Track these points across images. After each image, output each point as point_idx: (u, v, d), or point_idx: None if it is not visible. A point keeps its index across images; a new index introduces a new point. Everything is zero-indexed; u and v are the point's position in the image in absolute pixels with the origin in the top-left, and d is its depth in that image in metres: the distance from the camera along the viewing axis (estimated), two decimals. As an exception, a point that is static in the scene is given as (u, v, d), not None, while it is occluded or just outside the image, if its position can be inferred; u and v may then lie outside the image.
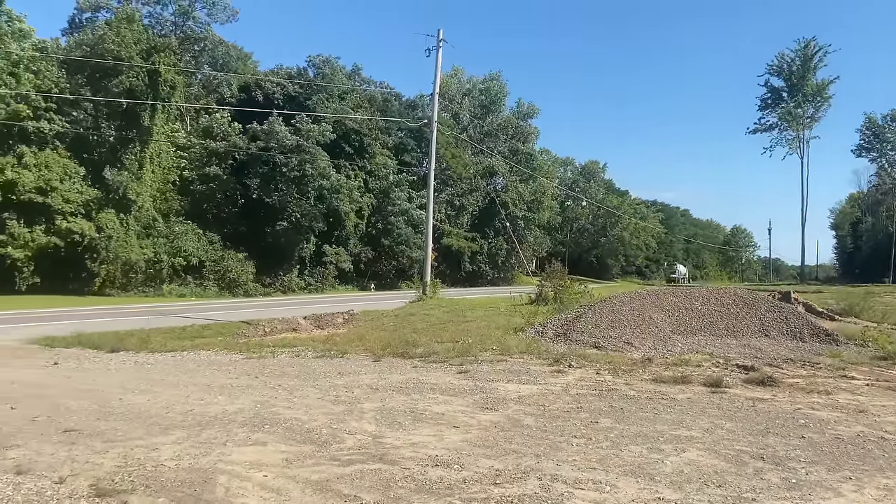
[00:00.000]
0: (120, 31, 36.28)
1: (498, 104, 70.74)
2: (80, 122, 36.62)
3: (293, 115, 43.99)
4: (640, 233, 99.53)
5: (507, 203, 61.61)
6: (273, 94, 47.68)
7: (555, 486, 5.19)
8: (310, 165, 42.81)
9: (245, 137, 43.58)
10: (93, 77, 36.05)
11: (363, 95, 55.65)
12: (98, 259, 33.93)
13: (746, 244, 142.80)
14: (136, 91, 35.40)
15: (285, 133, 42.75)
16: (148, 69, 35.85)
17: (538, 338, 14.45)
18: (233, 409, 8.01)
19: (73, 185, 34.08)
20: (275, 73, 52.10)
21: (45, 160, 33.18)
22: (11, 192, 31.42)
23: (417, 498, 4.94)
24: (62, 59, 36.68)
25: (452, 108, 64.84)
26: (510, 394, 8.86)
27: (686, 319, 15.63)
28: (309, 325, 17.75)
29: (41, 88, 34.09)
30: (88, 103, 36.43)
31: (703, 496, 5.02)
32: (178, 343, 14.62)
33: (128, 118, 36.40)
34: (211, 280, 39.46)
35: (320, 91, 48.72)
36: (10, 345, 14.66)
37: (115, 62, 34.55)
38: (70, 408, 8.16)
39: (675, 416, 7.58)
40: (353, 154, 48.57)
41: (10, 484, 5.23)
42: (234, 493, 5.06)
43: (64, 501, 4.85)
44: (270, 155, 42.81)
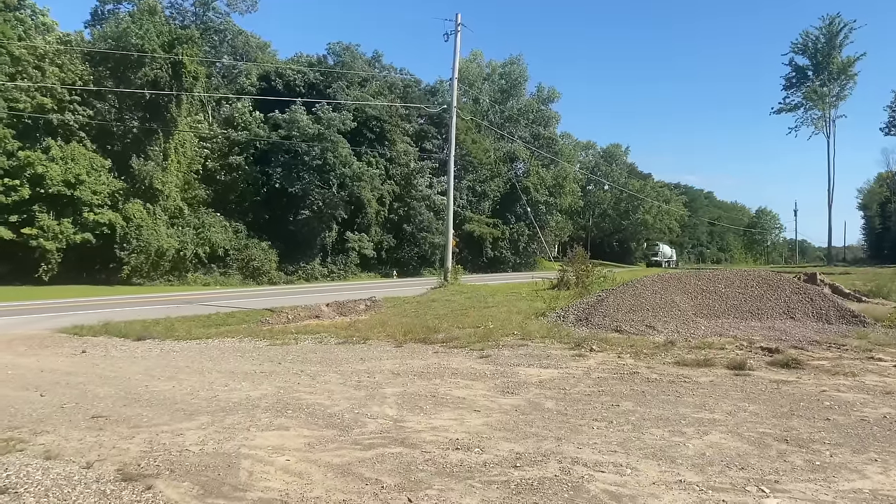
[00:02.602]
0: (143, 23, 36.58)
1: (518, 88, 70.15)
2: (104, 113, 37.06)
3: (314, 104, 44.10)
4: (664, 216, 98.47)
5: (529, 188, 61.31)
6: (293, 83, 47.81)
7: (575, 469, 5.20)
8: (331, 153, 42.95)
9: (266, 127, 43.83)
10: (116, 69, 36.44)
11: (383, 82, 55.59)
12: (129, 248, 34.46)
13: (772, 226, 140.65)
14: (160, 82, 35.74)
15: (307, 122, 42.90)
16: (171, 60, 36.13)
17: (560, 322, 14.41)
18: (256, 395, 8.12)
19: (100, 178, 34.55)
20: (295, 61, 52.22)
21: (72, 153, 33.67)
22: (40, 186, 31.96)
23: (438, 481, 4.98)
24: (86, 52, 37.08)
25: (472, 93, 64.49)
26: (531, 378, 8.87)
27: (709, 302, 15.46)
28: (331, 312, 17.87)
29: (65, 81, 34.53)
30: (112, 95, 36.84)
31: (726, 478, 4.99)
32: (202, 331, 14.82)
33: (151, 109, 36.78)
34: (235, 268, 39.93)
35: (340, 79, 48.75)
36: (40, 334, 14.96)
37: (139, 54, 34.86)
38: (97, 395, 8.34)
39: (698, 399, 7.54)
40: (373, 141, 48.61)
41: (40, 469, 5.37)
42: (257, 476, 5.14)
43: (91, 486, 4.96)
44: (292, 144, 43.02)
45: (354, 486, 4.90)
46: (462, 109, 45.45)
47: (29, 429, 6.64)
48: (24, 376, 9.84)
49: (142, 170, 35.85)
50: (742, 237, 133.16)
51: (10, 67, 32.79)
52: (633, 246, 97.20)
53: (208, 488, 4.88)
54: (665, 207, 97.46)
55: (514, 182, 59.81)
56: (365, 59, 55.48)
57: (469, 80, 63.33)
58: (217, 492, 4.82)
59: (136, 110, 37.59)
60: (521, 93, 70.52)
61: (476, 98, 64.80)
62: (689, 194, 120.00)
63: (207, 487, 4.90)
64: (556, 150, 69.11)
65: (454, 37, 30.21)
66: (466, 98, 61.77)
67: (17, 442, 6.16)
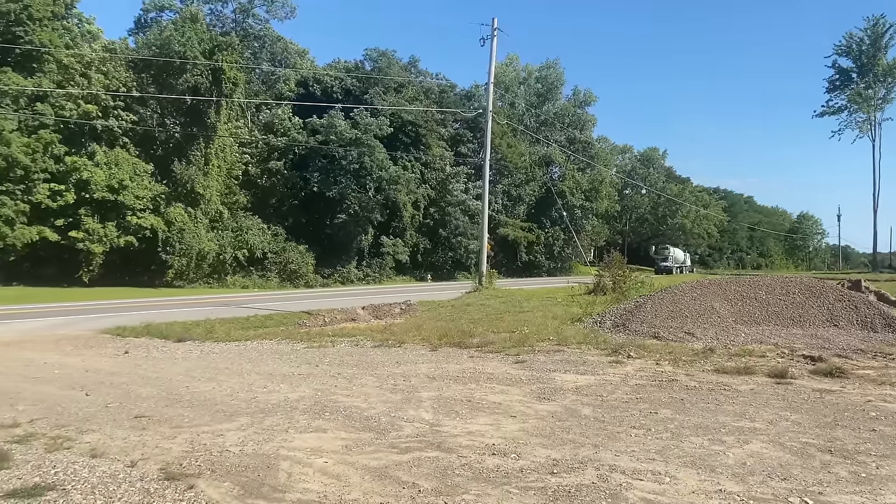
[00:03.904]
0: (185, 30, 37.38)
1: (554, 92, 69.86)
2: (146, 119, 37.93)
3: (351, 109, 44.55)
4: (702, 221, 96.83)
5: (564, 192, 60.95)
6: (331, 89, 48.33)
7: (613, 477, 5.16)
8: (368, 158, 43.32)
9: (305, 132, 44.42)
10: (159, 75, 37.28)
11: (419, 88, 55.85)
12: (171, 252, 35.21)
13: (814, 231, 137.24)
14: (200, 88, 36.45)
15: (344, 126, 43.35)
16: (211, 67, 36.85)
17: (596, 328, 14.31)
18: (294, 397, 8.22)
19: (142, 182, 35.35)
20: (332, 67, 52.79)
21: (116, 158, 34.51)
22: (85, 191, 32.82)
23: (474, 486, 4.99)
24: (129, 59, 38.01)
25: (508, 98, 64.41)
26: (567, 384, 8.82)
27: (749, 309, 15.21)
28: (367, 315, 18.00)
29: (110, 88, 35.43)
30: (154, 101, 37.71)
31: (767, 489, 4.91)
32: (241, 333, 15.05)
33: (192, 115, 37.53)
34: (273, 271, 40.51)
35: (377, 84, 49.11)
36: (85, 334, 15.35)
37: (180, 61, 35.63)
38: (140, 395, 8.53)
39: (738, 408, 7.42)
40: (409, 145, 48.86)
41: (86, 466, 5.52)
42: (295, 478, 5.21)
43: (136, 484, 5.08)
44: (330, 148, 43.48)
45: (391, 489, 4.94)
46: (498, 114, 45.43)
47: (75, 427, 6.82)
48: (71, 376, 10.11)
49: (183, 174, 36.60)
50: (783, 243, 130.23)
51: (58, 75, 33.77)
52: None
53: (248, 489, 4.96)
54: (704, 212, 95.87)
55: (550, 186, 59.52)
56: (401, 64, 55.82)
57: (505, 84, 63.28)
58: (257, 492, 4.89)
59: (177, 116, 38.43)
60: (557, 96, 70.22)
61: (512, 102, 64.71)
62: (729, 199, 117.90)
63: (247, 488, 4.98)
64: (592, 154, 68.53)
65: (490, 41, 30.26)
66: (502, 102, 61.70)
67: (65, 440, 6.33)
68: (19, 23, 32.85)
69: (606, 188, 72.12)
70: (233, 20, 53.07)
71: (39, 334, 15.53)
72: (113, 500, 4.75)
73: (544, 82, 69.42)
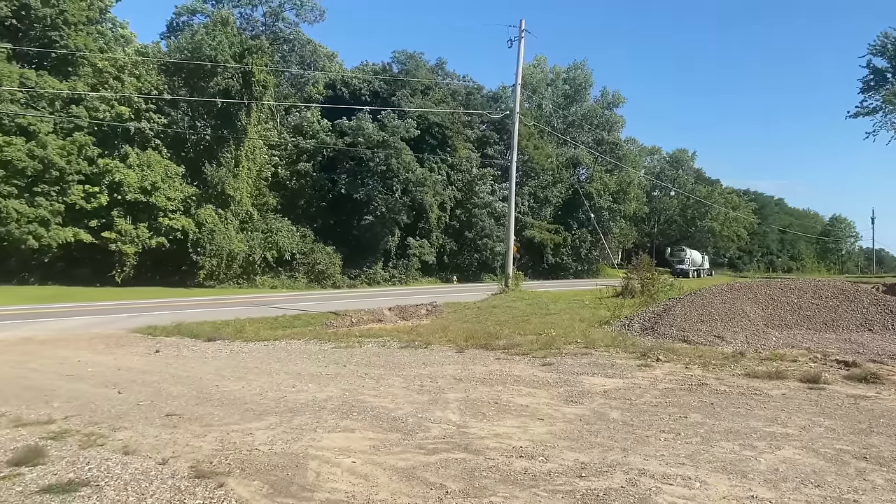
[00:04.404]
0: (216, 34, 37.90)
1: (582, 94, 69.52)
2: (177, 121, 38.53)
3: (379, 111, 44.78)
4: (732, 223, 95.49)
5: (592, 194, 60.55)
6: (359, 91, 48.64)
7: (642, 481, 5.12)
8: (395, 160, 43.51)
9: (333, 134, 44.77)
10: (190, 79, 37.84)
11: (446, 90, 55.94)
12: (203, 252, 35.72)
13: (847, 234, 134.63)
14: (231, 91, 36.92)
15: (372, 129, 43.61)
16: (242, 70, 37.31)
17: (624, 331, 14.19)
18: (322, 397, 8.28)
19: (174, 184, 35.90)
20: (360, 69, 53.13)
21: (148, 160, 35.09)
22: (118, 192, 33.43)
23: (502, 488, 4.98)
24: (161, 63, 38.64)
25: (535, 99, 64.23)
26: (595, 387, 8.76)
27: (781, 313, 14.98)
28: (393, 316, 18.06)
29: (142, 91, 36.05)
30: (185, 104, 38.29)
31: (800, 496, 4.83)
32: (270, 332, 15.20)
33: (223, 117, 38.03)
34: (301, 272, 40.89)
35: (404, 86, 49.32)
36: (117, 333, 15.63)
37: (212, 64, 36.13)
38: (171, 393, 8.65)
39: (770, 413, 7.31)
40: (436, 147, 48.95)
41: (119, 463, 5.62)
42: (324, 477, 5.25)
43: (167, 481, 5.16)
44: (357, 150, 43.76)
45: (419, 490, 4.95)
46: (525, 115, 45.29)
47: (108, 424, 6.95)
48: (103, 374, 10.29)
49: (214, 176, 37.10)
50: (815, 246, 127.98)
51: (92, 78, 34.46)
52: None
53: (277, 487, 5.01)
54: (733, 214, 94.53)
55: (577, 187, 59.19)
56: (428, 66, 55.97)
57: (532, 85, 63.10)
58: (286, 491, 4.94)
59: (208, 118, 38.94)
60: (585, 98, 69.88)
61: (539, 104, 64.51)
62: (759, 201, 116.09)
63: (276, 487, 5.03)
64: (620, 156, 67.98)
65: (518, 43, 30.22)
66: (529, 104, 61.53)
67: (98, 437, 6.45)
68: (55, 27, 33.61)
69: (635, 190, 71.46)
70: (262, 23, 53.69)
71: (73, 333, 15.84)
72: (145, 496, 4.83)
73: (572, 83, 69.10)
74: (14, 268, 32.31)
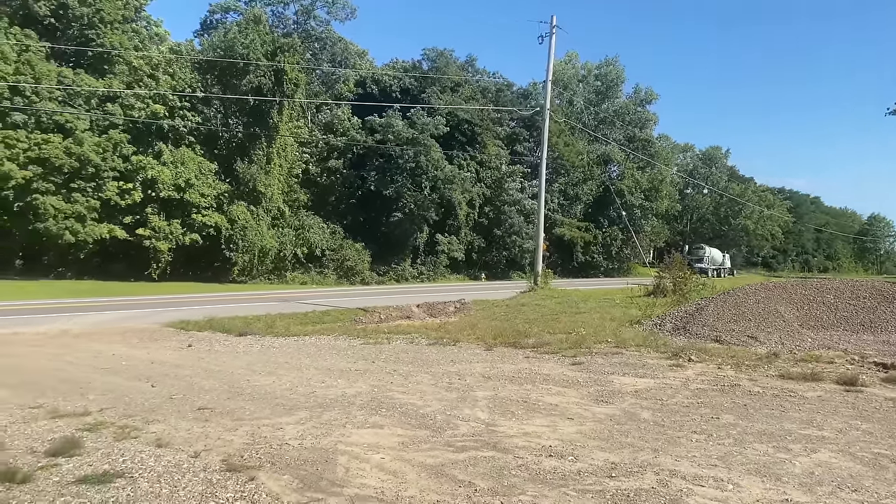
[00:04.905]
0: (248, 32, 38.29)
1: (614, 90, 68.75)
2: (210, 119, 39.03)
3: (409, 108, 44.88)
4: (766, 222, 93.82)
5: (623, 191, 59.90)
6: (389, 88, 48.78)
7: (673, 482, 5.05)
8: (424, 157, 43.57)
9: (363, 131, 44.99)
10: (223, 76, 38.29)
11: (476, 87, 55.80)
12: (235, 249, 36.18)
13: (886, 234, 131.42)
14: (263, 89, 37.28)
15: (402, 126, 43.72)
16: (274, 68, 37.66)
17: (656, 331, 14.04)
18: (351, 392, 8.32)
19: (207, 181, 36.38)
20: (391, 66, 53.22)
21: (181, 157, 35.60)
22: (152, 189, 33.98)
23: (531, 487, 4.95)
24: (195, 61, 39.17)
25: (566, 95, 63.71)
26: (626, 387, 8.67)
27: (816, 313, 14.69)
28: (422, 313, 18.10)
29: (176, 89, 36.57)
30: (218, 101, 38.77)
31: (837, 500, 4.73)
32: (300, 328, 15.33)
33: (255, 115, 38.42)
34: (330, 268, 41.18)
35: (434, 83, 49.32)
36: (150, 328, 15.90)
37: (244, 62, 36.53)
38: (203, 387, 8.77)
39: (805, 415, 7.17)
40: (465, 144, 48.90)
41: (153, 455, 5.71)
42: (353, 473, 5.27)
43: (199, 474, 5.22)
44: (387, 148, 43.92)
45: (448, 487, 4.94)
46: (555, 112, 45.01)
47: (141, 417, 7.06)
48: (137, 367, 10.47)
49: (246, 173, 37.51)
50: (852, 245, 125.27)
51: (128, 76, 35.06)
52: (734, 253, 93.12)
53: (307, 482, 5.04)
54: (767, 213, 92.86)
55: (608, 185, 58.64)
56: (458, 63, 55.86)
57: (563, 81, 62.61)
58: (315, 486, 4.96)
59: (240, 116, 39.37)
60: (616, 94, 69.13)
61: (570, 100, 63.98)
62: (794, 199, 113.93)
63: (306, 481, 5.06)
64: (652, 153, 67.15)
65: (549, 39, 30.01)
66: (560, 100, 61.07)
67: (132, 429, 6.56)
68: (92, 26, 34.25)
69: (667, 187, 70.50)
70: (294, 21, 54.03)
71: (108, 327, 16.15)
72: (178, 489, 4.89)
73: (603, 80, 68.41)
74: (51, 263, 33.05)
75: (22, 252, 33.23)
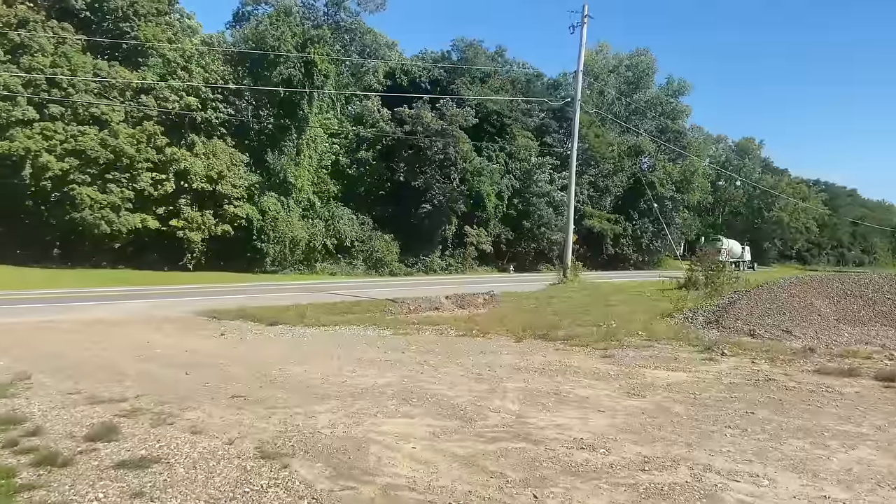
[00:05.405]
0: (279, 25, 38.56)
1: (646, 81, 67.94)
2: (241, 111, 39.43)
3: (438, 99, 44.83)
4: (800, 215, 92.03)
5: (654, 183, 59.12)
6: (418, 80, 48.77)
7: (707, 477, 4.99)
8: (453, 148, 43.53)
9: (392, 123, 45.07)
10: (253, 68, 38.65)
11: (505, 78, 55.52)
12: (266, 240, 36.59)
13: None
14: (293, 81, 37.55)
15: (431, 117, 43.69)
16: (304, 59, 37.88)
17: (687, 324, 13.85)
18: (382, 382, 8.36)
19: (238, 172, 36.80)
20: (420, 57, 53.19)
21: (213, 149, 36.06)
22: (185, 180, 34.47)
23: (563, 479, 4.92)
24: (226, 53, 39.57)
25: (597, 86, 63.03)
26: (658, 380, 8.57)
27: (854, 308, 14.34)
28: (450, 305, 18.08)
29: (208, 81, 37.00)
30: (249, 93, 39.15)
31: (877, 498, 4.63)
32: (330, 318, 15.41)
33: (285, 107, 38.75)
34: (359, 259, 41.44)
35: (464, 74, 49.18)
36: (183, 317, 16.12)
37: (275, 54, 36.80)
38: (236, 375, 8.87)
39: (842, 411, 7.02)
40: (494, 136, 48.73)
41: (188, 442, 5.80)
42: (385, 462, 5.29)
43: (233, 461, 5.29)
44: (416, 139, 43.92)
45: (479, 478, 4.94)
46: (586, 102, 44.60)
47: (177, 404, 7.17)
48: (171, 355, 10.64)
49: (276, 164, 37.87)
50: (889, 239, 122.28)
51: (161, 69, 35.56)
52: (767, 246, 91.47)
53: (339, 470, 5.08)
54: (802, 205, 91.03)
55: (639, 176, 57.97)
56: (488, 54, 55.61)
57: (594, 72, 61.94)
58: (348, 474, 5.00)
59: (270, 108, 39.73)
60: (648, 85, 68.33)
61: (601, 91, 63.28)
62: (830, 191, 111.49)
63: (339, 469, 5.10)
64: (684, 144, 66.15)
65: (580, 28, 29.70)
66: (590, 91, 60.41)
67: (167, 416, 6.67)
68: (126, 19, 34.82)
69: (699, 179, 69.40)
70: (324, 13, 54.13)
71: (141, 315, 16.43)
72: (213, 475, 4.97)
73: (635, 70, 67.62)
74: (87, 252, 33.75)
75: (59, 242, 33.95)
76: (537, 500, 4.55)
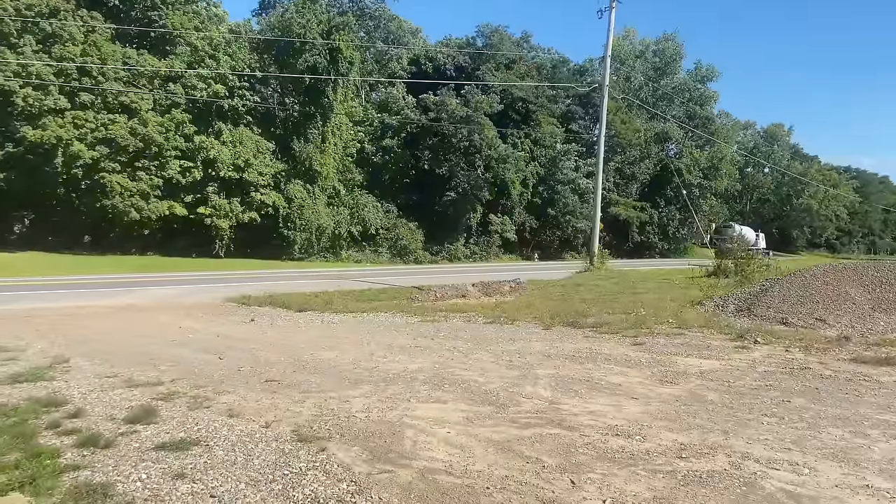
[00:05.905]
0: (304, 12, 38.59)
1: (673, 66, 66.91)
2: (267, 98, 39.59)
3: (462, 86, 44.61)
4: (830, 202, 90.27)
5: (681, 170, 58.29)
6: (443, 66, 48.52)
7: (746, 465, 4.94)
8: (478, 136, 43.32)
9: (417, 110, 44.95)
10: (279, 56, 38.75)
11: (531, 64, 55.03)
12: (292, 227, 36.86)
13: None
14: (318, 68, 37.58)
15: (456, 105, 43.49)
16: (329, 47, 37.90)
17: (718, 312, 13.70)
18: (413, 368, 8.39)
19: (265, 160, 37.03)
20: (444, 44, 52.87)
21: (240, 137, 36.30)
22: (212, 168, 34.77)
23: (599, 465, 4.91)
24: (253, 41, 39.71)
25: (624, 71, 62.15)
26: (691, 368, 8.50)
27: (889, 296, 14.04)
28: (477, 292, 18.06)
29: (235, 69, 37.18)
30: (275, 81, 39.28)
31: (921, 488, 4.54)
32: (357, 305, 15.53)
33: (310, 94, 38.81)
34: (384, 247, 41.52)
35: (489, 60, 48.84)
36: (213, 303, 16.34)
37: (300, 42, 36.87)
38: (268, 360, 8.97)
39: (882, 400, 6.91)
40: (519, 122, 48.38)
41: (225, 425, 5.88)
42: (421, 446, 5.32)
43: (271, 444, 5.36)
44: (441, 126, 43.77)
45: (515, 463, 4.94)
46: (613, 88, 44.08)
47: (212, 388, 7.28)
48: (203, 340, 10.79)
49: (302, 152, 38.02)
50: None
51: (189, 57, 35.81)
52: (796, 234, 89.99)
53: (376, 454, 5.12)
54: (832, 193, 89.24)
55: (666, 163, 57.23)
56: (513, 39, 55.12)
57: (621, 57, 61.08)
58: (384, 458, 5.03)
59: (296, 95, 39.82)
60: (675, 70, 67.31)
61: (627, 76, 62.44)
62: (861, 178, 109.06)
63: (375, 453, 5.14)
64: (712, 131, 65.11)
65: (608, 13, 29.34)
66: (617, 76, 59.59)
67: (204, 399, 6.78)
68: (154, 7, 35.09)
69: (727, 166, 68.25)
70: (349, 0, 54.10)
71: (172, 301, 16.69)
72: (252, 457, 5.03)
73: (662, 56, 66.64)
74: (117, 239, 34.23)
75: (89, 229, 34.49)
76: (575, 485, 4.54)
